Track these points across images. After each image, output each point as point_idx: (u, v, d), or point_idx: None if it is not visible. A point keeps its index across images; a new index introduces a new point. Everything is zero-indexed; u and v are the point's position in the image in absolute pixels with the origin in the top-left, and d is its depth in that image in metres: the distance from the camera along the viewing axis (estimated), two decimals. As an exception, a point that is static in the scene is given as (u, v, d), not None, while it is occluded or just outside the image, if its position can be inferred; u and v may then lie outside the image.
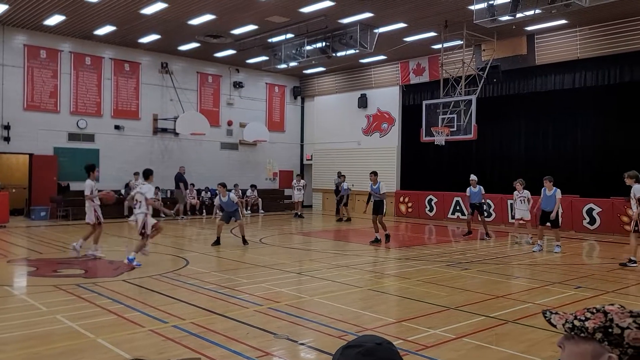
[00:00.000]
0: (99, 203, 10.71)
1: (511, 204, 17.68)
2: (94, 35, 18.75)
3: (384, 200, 13.18)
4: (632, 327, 1.33)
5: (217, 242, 12.40)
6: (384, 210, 13.17)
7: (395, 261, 11.12)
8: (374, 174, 13.22)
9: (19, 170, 19.78)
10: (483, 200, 14.79)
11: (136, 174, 17.26)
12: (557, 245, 12.26)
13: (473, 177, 14.97)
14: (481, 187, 14.66)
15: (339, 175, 20.99)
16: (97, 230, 10.50)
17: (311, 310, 6.73)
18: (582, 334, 1.38)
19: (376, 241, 13.09)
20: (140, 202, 9.90)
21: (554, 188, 12.21)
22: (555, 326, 1.44)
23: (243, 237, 12.40)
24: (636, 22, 15.40)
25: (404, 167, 22.33)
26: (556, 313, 1.48)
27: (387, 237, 13.11)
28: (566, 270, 9.98)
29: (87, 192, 10.42)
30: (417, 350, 5.19)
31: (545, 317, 1.48)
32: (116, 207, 19.40)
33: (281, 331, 5.72)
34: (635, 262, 10.10)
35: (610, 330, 1.35)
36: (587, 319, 1.39)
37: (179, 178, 20.11)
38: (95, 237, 10.57)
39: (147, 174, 10.24)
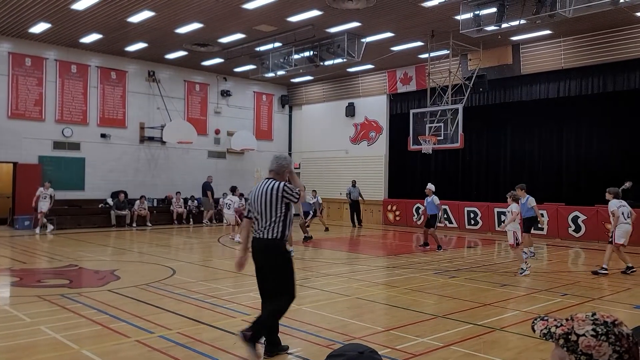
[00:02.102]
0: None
1: (498, 212, 17.84)
2: (80, 43, 18.64)
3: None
4: (587, 335, 1.39)
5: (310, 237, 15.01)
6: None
7: (383, 269, 11.12)
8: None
9: (2, 180, 19.54)
10: (436, 212, 13.74)
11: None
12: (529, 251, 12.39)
13: (429, 186, 13.95)
14: (435, 197, 13.73)
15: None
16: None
17: (299, 319, 6.70)
18: (551, 340, 1.45)
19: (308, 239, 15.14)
20: (230, 205, 13.80)
21: (527, 196, 12.28)
22: (535, 331, 1.50)
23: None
24: (618, 33, 15.67)
25: (392, 176, 22.40)
26: (545, 319, 1.51)
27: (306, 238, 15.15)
28: (552, 278, 10.04)
29: (237, 207, 15.23)
30: (405, 358, 5.18)
31: (533, 322, 1.53)
32: (103, 217, 19.30)
33: (269, 341, 5.68)
34: (606, 270, 10.31)
35: (569, 336, 1.41)
36: (560, 325, 1.45)
37: (207, 187, 20.76)
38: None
39: (234, 189, 15.34)
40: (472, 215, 18.96)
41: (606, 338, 1.37)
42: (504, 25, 13.33)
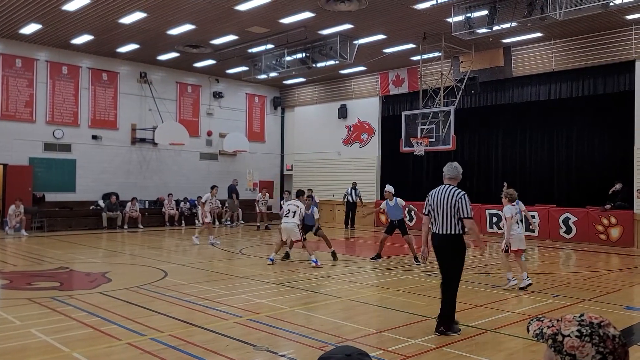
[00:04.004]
0: (209, 210, 15.21)
1: (490, 214, 17.91)
2: (71, 45, 18.53)
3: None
4: (572, 335, 1.40)
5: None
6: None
7: (376, 271, 11.12)
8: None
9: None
10: (405, 216, 12.08)
11: (287, 192, 19.49)
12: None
13: (388, 187, 12.16)
14: (398, 199, 11.98)
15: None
16: (209, 227, 15.14)
17: (291, 321, 6.69)
18: (542, 340, 1.46)
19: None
20: (294, 212, 11.32)
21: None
22: (529, 332, 1.51)
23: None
24: (608, 36, 15.79)
25: (384, 177, 22.40)
26: (540, 320, 1.52)
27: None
28: (544, 279, 10.09)
29: (202, 201, 15.15)
30: (397, 360, 5.19)
31: (529, 323, 1.54)
32: (94, 219, 19.19)
33: (261, 343, 5.67)
34: None
35: (556, 337, 1.43)
36: (552, 326, 1.46)
37: (232, 189, 21.47)
38: (210, 231, 15.08)
39: (298, 194, 12.19)
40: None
41: (590, 339, 1.38)
42: (495, 28, 13.41)
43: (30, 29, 16.61)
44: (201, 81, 23.18)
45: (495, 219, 17.78)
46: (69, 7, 14.43)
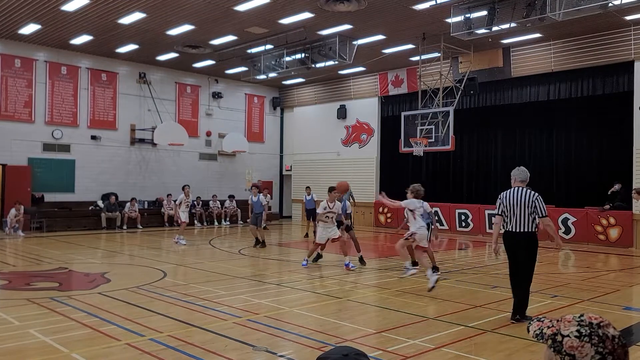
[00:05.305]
0: (184, 210, 15.52)
1: (489, 214, 17.93)
2: (70, 45, 18.52)
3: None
4: (571, 335, 1.41)
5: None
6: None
7: (375, 272, 11.13)
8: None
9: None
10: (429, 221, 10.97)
11: (307, 188, 18.85)
12: None
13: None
14: (425, 204, 10.60)
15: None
16: (183, 225, 15.52)
17: (290, 321, 6.69)
18: (542, 341, 1.46)
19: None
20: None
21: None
22: (529, 332, 1.52)
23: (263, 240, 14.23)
24: (607, 36, 15.80)
25: (383, 178, 22.43)
26: (541, 320, 1.53)
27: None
28: (542, 280, 10.09)
29: (177, 202, 15.56)
30: (396, 360, 5.19)
31: (529, 323, 1.55)
32: (93, 219, 19.18)
33: (260, 343, 5.67)
34: None
35: (556, 337, 1.43)
36: (552, 326, 1.46)
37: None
38: (181, 231, 15.43)
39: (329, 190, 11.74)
40: (463, 217, 19.03)
41: (589, 339, 1.38)
42: (494, 29, 13.42)
43: (30, 29, 16.60)
44: (200, 81, 23.17)
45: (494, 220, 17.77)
46: (68, 7, 14.42)
